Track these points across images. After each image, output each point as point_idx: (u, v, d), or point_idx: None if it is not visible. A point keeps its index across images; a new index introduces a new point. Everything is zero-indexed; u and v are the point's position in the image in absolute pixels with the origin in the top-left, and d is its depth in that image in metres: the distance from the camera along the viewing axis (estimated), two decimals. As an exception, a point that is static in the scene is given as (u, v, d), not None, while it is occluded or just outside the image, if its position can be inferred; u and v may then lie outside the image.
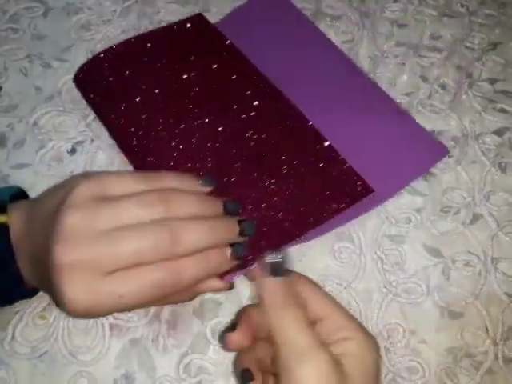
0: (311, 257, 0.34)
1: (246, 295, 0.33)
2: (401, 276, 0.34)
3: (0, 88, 0.41)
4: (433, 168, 0.38)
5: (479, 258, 0.34)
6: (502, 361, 0.31)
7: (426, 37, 0.44)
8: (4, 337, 0.31)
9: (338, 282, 0.33)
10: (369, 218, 0.35)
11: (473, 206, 0.36)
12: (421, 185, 0.37)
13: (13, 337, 0.31)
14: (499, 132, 0.40)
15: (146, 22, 0.44)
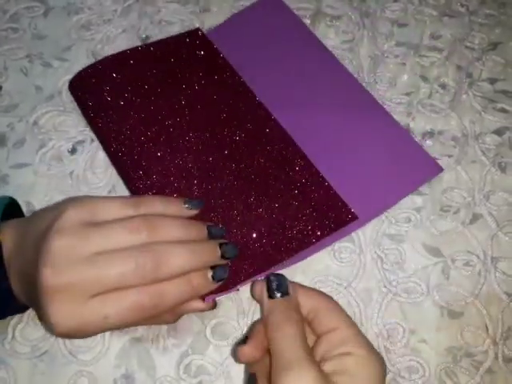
0: (311, 257, 0.34)
1: (247, 295, 0.33)
2: (400, 275, 0.34)
3: (0, 87, 0.41)
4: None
5: (479, 258, 0.34)
6: (502, 360, 0.31)
7: (426, 36, 0.44)
8: (4, 336, 0.31)
9: (338, 282, 0.33)
10: (369, 218, 0.35)
11: (472, 206, 0.36)
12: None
13: (13, 336, 0.31)
14: (499, 132, 0.40)
15: (147, 22, 0.44)
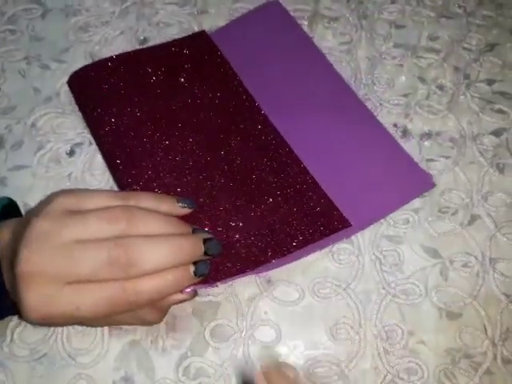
0: (309, 258, 0.34)
1: (246, 296, 0.33)
2: (399, 277, 0.34)
3: (-2, 89, 0.41)
4: (431, 169, 0.38)
5: (477, 259, 0.34)
6: (501, 361, 0.31)
7: (424, 38, 0.44)
8: (3, 339, 0.31)
9: (337, 284, 0.33)
10: (367, 219, 0.35)
11: (471, 207, 0.36)
12: (419, 186, 0.37)
13: (11, 339, 0.31)
14: (497, 133, 0.40)
15: (145, 24, 0.44)
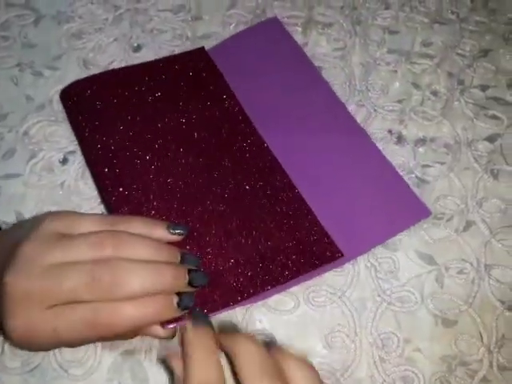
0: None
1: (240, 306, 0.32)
2: (394, 284, 0.33)
3: (-10, 97, 0.40)
4: (426, 175, 0.38)
5: (472, 265, 0.34)
6: (497, 369, 0.31)
7: (418, 44, 0.44)
8: (-6, 350, 0.31)
9: (332, 292, 0.33)
10: (362, 226, 0.35)
11: (466, 213, 0.36)
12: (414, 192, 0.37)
13: (2, 351, 0.31)
14: (491, 138, 0.40)
15: (138, 30, 0.44)
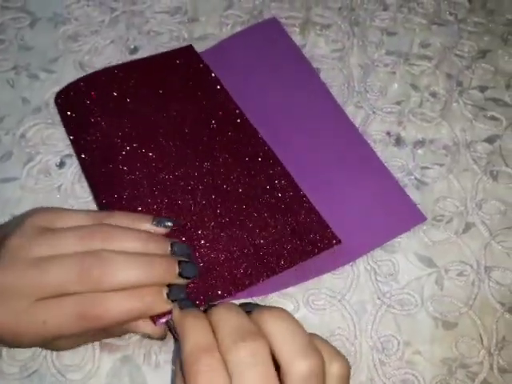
0: (304, 269, 0.34)
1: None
2: (394, 287, 0.33)
3: (-14, 100, 0.40)
4: (425, 177, 0.38)
5: (472, 267, 0.34)
6: (498, 371, 0.31)
7: (416, 45, 0.44)
8: (-9, 356, 0.31)
9: (331, 295, 0.33)
10: (361, 229, 0.35)
11: (465, 215, 0.36)
12: (413, 194, 0.36)
13: (0, 356, 0.30)
14: (490, 140, 0.40)
15: (135, 32, 0.44)
